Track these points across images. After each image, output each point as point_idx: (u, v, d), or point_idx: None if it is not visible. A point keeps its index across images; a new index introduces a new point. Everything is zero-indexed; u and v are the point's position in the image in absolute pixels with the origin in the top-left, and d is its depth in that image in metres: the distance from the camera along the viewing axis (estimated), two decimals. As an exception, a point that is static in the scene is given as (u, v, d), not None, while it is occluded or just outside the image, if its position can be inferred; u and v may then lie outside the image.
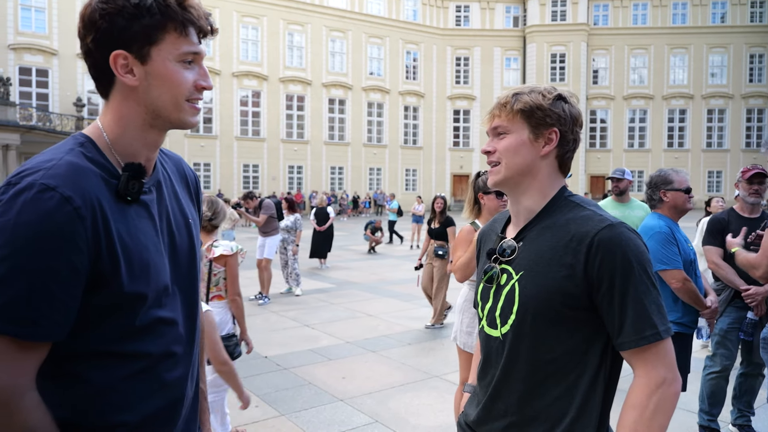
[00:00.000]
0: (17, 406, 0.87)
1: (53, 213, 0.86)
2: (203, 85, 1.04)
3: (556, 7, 36.62)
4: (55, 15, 26.55)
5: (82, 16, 0.97)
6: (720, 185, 37.26)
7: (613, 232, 1.13)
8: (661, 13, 37.27)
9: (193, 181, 1.24)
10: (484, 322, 1.29)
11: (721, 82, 37.64)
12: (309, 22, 32.83)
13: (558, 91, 1.24)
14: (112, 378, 0.97)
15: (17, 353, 0.87)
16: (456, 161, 37.61)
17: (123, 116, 1.01)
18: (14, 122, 22.03)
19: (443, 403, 4.10)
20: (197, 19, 1.01)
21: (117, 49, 0.96)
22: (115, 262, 0.94)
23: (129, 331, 0.98)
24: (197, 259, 1.16)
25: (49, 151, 0.96)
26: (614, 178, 4.72)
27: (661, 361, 1.11)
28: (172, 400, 1.07)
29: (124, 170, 0.99)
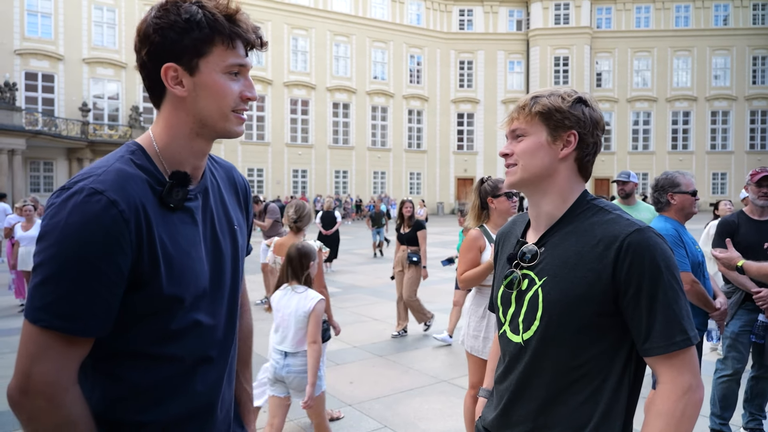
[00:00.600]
0: (62, 400, 0.91)
1: (99, 215, 0.91)
2: (248, 95, 1.07)
3: (559, 10, 36.64)
4: (61, 20, 26.71)
5: (138, 30, 1.02)
6: (725, 187, 37.13)
7: (642, 236, 1.11)
8: (664, 16, 37.24)
9: (243, 188, 1.27)
10: (507, 327, 1.27)
11: (724, 84, 37.57)
12: (313, 26, 32.93)
13: (578, 94, 1.23)
14: (147, 378, 1.01)
15: (63, 348, 0.91)
16: (460, 165, 37.60)
17: (172, 125, 1.06)
18: (20, 127, 22.14)
19: (452, 408, 4.09)
20: (244, 32, 1.05)
21: (168, 62, 1.01)
22: (155, 265, 0.97)
23: (166, 333, 1.01)
24: (240, 263, 1.19)
25: (103, 159, 1.02)
26: (620, 181, 4.72)
27: (687, 367, 1.10)
28: (206, 403, 1.09)
29: (170, 178, 1.03)
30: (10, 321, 7.18)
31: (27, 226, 7.79)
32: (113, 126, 27.37)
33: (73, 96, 26.87)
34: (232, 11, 1.03)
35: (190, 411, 1.06)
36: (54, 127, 24.38)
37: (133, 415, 1.01)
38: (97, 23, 27.72)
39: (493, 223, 3.15)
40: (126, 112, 28.15)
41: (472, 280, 3.07)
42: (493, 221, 3.15)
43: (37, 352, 0.90)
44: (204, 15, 1.00)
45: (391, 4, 35.72)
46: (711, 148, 37.61)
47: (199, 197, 1.10)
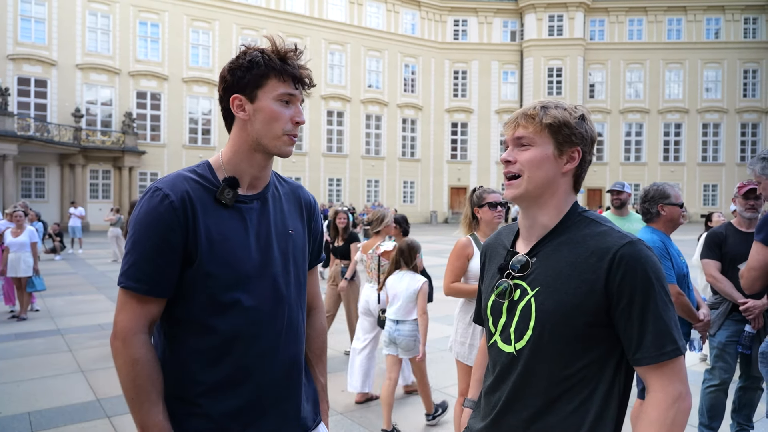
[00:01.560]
0: (131, 342, 1.23)
1: (157, 206, 1.24)
2: (298, 120, 1.35)
3: (553, 22, 37.00)
4: (55, 26, 26.66)
5: (220, 74, 1.35)
6: (716, 199, 37.44)
7: (634, 248, 1.13)
8: (656, 29, 37.69)
9: (307, 204, 1.52)
10: (497, 338, 1.28)
11: (715, 96, 37.99)
12: (308, 34, 33.06)
13: (581, 110, 1.25)
14: (200, 343, 1.27)
15: (136, 304, 1.24)
16: (454, 174, 37.72)
17: (236, 143, 1.35)
18: (12, 132, 22.04)
19: (443, 417, 4.09)
20: (291, 69, 1.33)
21: (235, 94, 1.32)
22: (198, 245, 1.25)
23: (212, 306, 1.26)
24: (290, 262, 1.40)
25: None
26: (614, 191, 4.76)
27: (677, 376, 1.12)
28: (246, 373, 1.30)
29: (223, 182, 1.31)
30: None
31: (17, 232, 7.73)
32: (106, 132, 27.28)
33: (66, 102, 26.77)
34: (284, 52, 1.32)
35: (227, 377, 1.28)
36: (46, 133, 24.26)
37: (186, 372, 1.27)
38: (91, 29, 27.69)
39: (482, 231, 3.18)
40: (119, 118, 28.08)
41: (459, 293, 3.09)
42: (481, 230, 3.18)
43: (120, 306, 1.25)
44: (262, 57, 1.30)
45: (386, 14, 35.95)
46: (702, 160, 37.95)
47: (258, 203, 1.37)
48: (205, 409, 1.27)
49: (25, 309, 7.72)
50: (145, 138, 28.93)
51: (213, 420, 1.27)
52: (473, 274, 3.08)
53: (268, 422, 1.33)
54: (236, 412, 1.29)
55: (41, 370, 5.26)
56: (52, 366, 5.40)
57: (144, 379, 1.22)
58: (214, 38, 30.80)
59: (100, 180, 27.76)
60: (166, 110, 29.54)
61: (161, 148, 29.36)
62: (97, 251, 17.32)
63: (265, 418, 1.33)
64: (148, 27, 29.17)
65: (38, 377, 5.05)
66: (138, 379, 1.21)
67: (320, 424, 1.50)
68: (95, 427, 3.92)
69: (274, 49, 1.32)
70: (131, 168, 27.59)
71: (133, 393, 1.22)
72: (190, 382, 1.27)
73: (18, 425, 3.92)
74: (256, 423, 1.31)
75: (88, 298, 9.32)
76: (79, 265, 14.05)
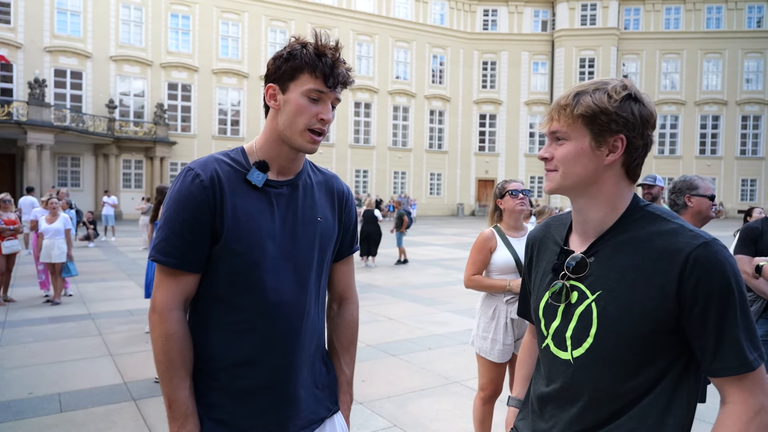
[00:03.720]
0: (166, 317, 1.28)
1: (189, 185, 1.29)
2: (323, 117, 1.33)
3: (586, 11, 36.13)
4: (90, 18, 27.29)
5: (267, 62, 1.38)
6: (754, 194, 36.19)
7: (709, 250, 1.03)
8: (694, 17, 36.45)
9: (340, 193, 1.53)
10: (550, 342, 1.19)
11: (756, 87, 36.62)
12: (336, 26, 33.05)
13: (629, 89, 1.09)
14: (218, 318, 1.32)
15: (170, 279, 1.30)
16: (481, 166, 37.35)
17: (267, 131, 1.39)
18: (49, 123, 22.68)
19: (463, 409, 4.05)
20: (324, 66, 1.30)
21: (271, 83, 1.35)
22: (225, 222, 1.29)
23: (237, 283, 1.31)
24: (315, 248, 1.41)
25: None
26: (646, 185, 4.61)
27: (758, 386, 1.03)
28: (268, 354, 1.33)
29: (253, 164, 1.36)
30: (34, 311, 7.35)
31: (51, 219, 7.95)
32: (138, 123, 27.87)
33: (100, 93, 27.42)
34: (322, 49, 1.31)
35: (249, 354, 1.32)
36: (81, 123, 24.92)
37: (210, 346, 1.33)
38: (124, 21, 28.25)
39: (505, 223, 3.12)
40: (151, 109, 28.64)
41: (479, 286, 3.04)
42: (505, 222, 3.13)
43: (158, 282, 1.31)
44: (300, 51, 1.31)
45: (415, 4, 35.67)
46: (741, 154, 36.70)
47: (287, 189, 1.39)
48: (222, 383, 1.31)
49: (59, 294, 7.95)
50: (176, 129, 29.44)
51: (229, 395, 1.31)
52: (496, 267, 3.02)
53: (283, 406, 1.35)
54: (252, 391, 1.32)
55: (72, 353, 5.41)
56: (82, 349, 5.55)
57: (175, 354, 1.27)
58: (243, 30, 31.06)
59: (133, 170, 28.39)
60: (196, 101, 29.99)
61: (191, 138, 29.84)
62: (129, 239, 17.73)
63: (281, 400, 1.34)
64: (179, 19, 29.60)
65: (69, 360, 5.20)
66: (170, 353, 1.27)
67: (336, 414, 1.48)
68: (121, 410, 4.01)
69: (317, 43, 1.32)
70: (162, 158, 28.13)
71: (164, 366, 1.27)
72: (210, 356, 1.31)
73: (48, 405, 4.05)
74: (272, 404, 1.33)
75: (119, 284, 9.55)
76: (111, 252, 14.41)
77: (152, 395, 4.28)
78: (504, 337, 2.92)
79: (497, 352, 2.93)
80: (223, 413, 1.32)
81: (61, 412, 3.94)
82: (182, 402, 1.27)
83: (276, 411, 1.35)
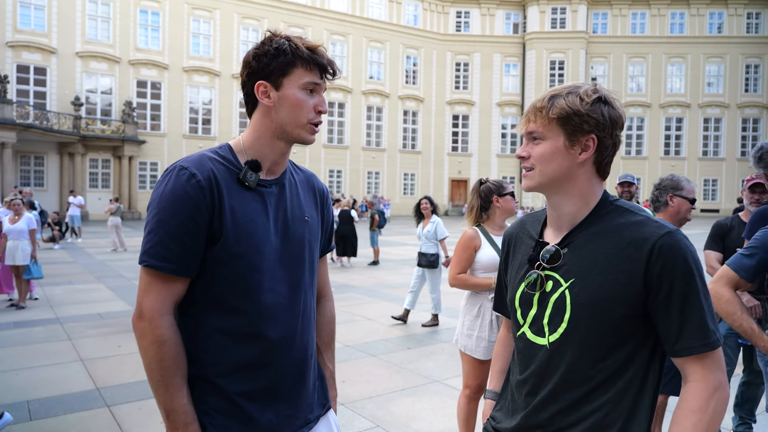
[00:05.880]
0: (157, 322, 1.22)
1: (184, 184, 1.23)
2: (321, 109, 1.35)
3: (556, 14, 36.79)
4: (55, 13, 26.45)
5: (243, 59, 1.34)
6: (716, 193, 37.41)
7: (673, 238, 1.13)
8: (659, 23, 37.49)
9: (320, 192, 1.53)
10: (526, 329, 1.26)
11: (717, 91, 37.87)
12: (310, 25, 32.85)
13: (599, 92, 1.19)
14: (216, 323, 1.27)
15: (161, 284, 1.23)
16: (454, 166, 37.64)
17: (258, 129, 1.36)
18: (11, 120, 21.92)
19: (445, 408, 4.07)
20: (319, 59, 1.32)
21: (260, 80, 1.31)
22: (223, 225, 1.25)
23: (232, 287, 1.27)
24: (306, 248, 1.40)
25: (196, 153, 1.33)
26: (626, 183, 4.69)
27: (717, 365, 1.13)
28: (268, 356, 1.31)
29: (245, 164, 1.32)
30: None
31: (14, 219, 7.68)
32: (106, 121, 27.16)
33: (65, 90, 26.62)
34: (311, 44, 1.32)
35: (248, 360, 1.29)
36: (45, 121, 24.15)
37: (205, 354, 1.28)
38: (91, 17, 27.50)
39: (493, 222, 3.14)
40: (119, 107, 27.95)
41: (465, 285, 3.06)
42: (492, 221, 3.14)
43: (145, 287, 1.24)
44: (289, 45, 1.30)
45: (388, 5, 35.72)
46: (703, 155, 37.90)
47: (276, 188, 1.37)
48: (222, 388, 1.28)
49: (24, 297, 7.68)
50: (145, 127, 28.81)
51: (231, 400, 1.28)
52: (480, 265, 3.04)
53: (282, 407, 1.34)
54: (254, 394, 1.30)
55: (40, 359, 5.23)
56: (51, 354, 5.37)
57: (170, 360, 1.22)
58: (215, 27, 30.59)
59: (100, 169, 27.67)
60: (166, 100, 29.40)
61: (161, 137, 29.24)
62: (97, 240, 17.27)
63: (281, 402, 1.34)
64: (149, 15, 28.97)
65: (37, 366, 5.02)
66: (165, 360, 1.21)
67: (330, 411, 1.51)
68: (95, 416, 3.89)
69: (301, 40, 1.33)
70: (131, 157, 27.48)
71: (159, 375, 1.22)
72: (210, 363, 1.27)
73: (17, 414, 3.89)
74: (272, 407, 1.33)
75: (88, 287, 9.29)
76: (78, 254, 14.01)
77: (127, 401, 4.16)
78: (489, 335, 2.94)
79: (482, 350, 2.94)
80: (223, 419, 1.28)
81: (30, 420, 3.80)
82: (181, 410, 1.22)
83: (276, 413, 1.33)
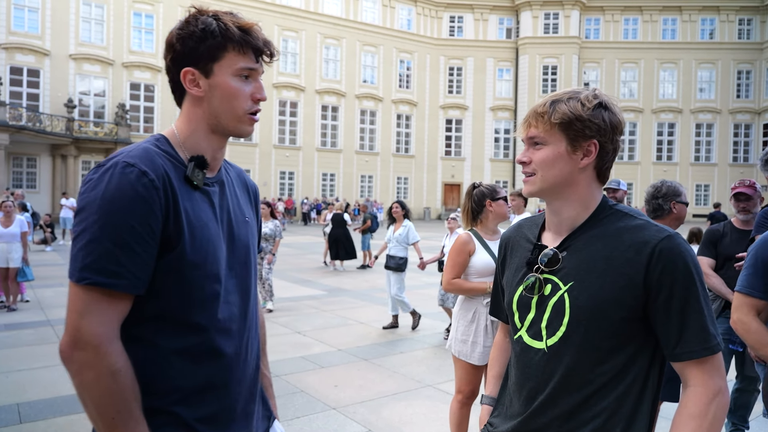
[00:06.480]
0: (106, 351, 1.02)
1: (134, 183, 1.04)
2: (258, 96, 1.21)
3: (549, 20, 37.00)
4: (48, 15, 26.33)
5: (166, 40, 1.18)
6: (707, 199, 37.65)
7: (673, 242, 1.12)
8: (651, 28, 37.78)
9: (253, 190, 1.41)
10: (524, 333, 1.24)
11: (709, 97, 38.18)
12: (303, 28, 32.87)
13: (600, 98, 1.19)
14: (174, 344, 1.11)
15: (106, 303, 1.03)
16: (448, 170, 37.70)
17: (192, 120, 1.20)
18: (3, 122, 21.77)
19: (437, 413, 4.07)
20: (254, 41, 1.17)
21: (187, 67, 1.16)
22: (180, 230, 1.09)
23: (189, 301, 1.11)
24: (251, 252, 1.29)
25: (132, 145, 1.15)
26: (611, 189, 4.74)
27: (717, 370, 1.12)
28: (225, 375, 1.18)
29: (191, 160, 1.17)
30: (-13, 318, 7.02)
31: (6, 222, 7.62)
32: (99, 123, 27.02)
33: (58, 92, 26.47)
34: (243, 23, 1.17)
35: (208, 380, 1.15)
36: (38, 123, 24.00)
37: (159, 380, 1.10)
38: (84, 19, 27.39)
39: (486, 227, 3.14)
40: (112, 109, 27.82)
41: (459, 290, 3.05)
42: (485, 225, 3.14)
43: (84, 309, 1.02)
44: (218, 25, 1.14)
45: (382, 9, 35.80)
46: (695, 160, 38.16)
47: (217, 186, 1.23)
48: (179, 416, 1.11)
49: (15, 299, 7.63)
50: (138, 130, 28.68)
51: (189, 427, 1.13)
52: (475, 270, 3.04)
53: (239, 426, 1.23)
54: (212, 418, 1.16)
55: (30, 361, 5.19)
56: (41, 357, 5.33)
57: (127, 392, 1.03)
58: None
59: (92, 171, 27.49)
60: (159, 102, 29.30)
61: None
62: (89, 243, 17.14)
63: (238, 422, 1.23)
64: (143, 18, 28.89)
65: (27, 368, 4.99)
66: (123, 392, 1.02)
67: (275, 421, 1.43)
68: (85, 420, 3.86)
69: (231, 17, 1.17)
70: (124, 160, 27.30)
71: (115, 411, 1.02)
72: (166, 391, 1.10)
73: (6, 416, 3.87)
74: (230, 428, 1.20)
75: (79, 290, 9.23)
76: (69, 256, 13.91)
77: (118, 404, 4.14)
78: (485, 340, 2.95)
79: (478, 355, 2.95)
80: None
81: (20, 423, 3.78)
82: None
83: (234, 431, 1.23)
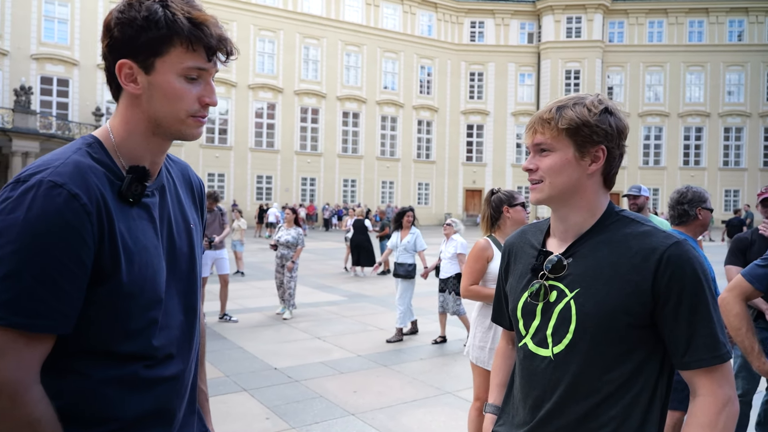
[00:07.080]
0: (23, 400, 0.88)
1: (61, 209, 0.88)
2: (207, 101, 1.04)
3: (571, 23, 36.65)
4: (78, 26, 27.10)
5: (104, 21, 1.02)
6: (737, 204, 36.68)
7: (681, 249, 1.11)
8: (677, 31, 37.12)
9: (198, 187, 1.25)
10: (529, 340, 1.22)
11: (738, 100, 37.31)
12: (325, 36, 33.15)
13: (605, 103, 1.17)
14: (108, 375, 0.98)
15: (24, 346, 0.88)
16: (469, 176, 37.54)
17: (128, 121, 1.04)
18: (34, 130, 22.40)
19: (456, 420, 4.03)
20: (206, 37, 1.00)
21: (123, 58, 0.99)
22: (116, 259, 0.95)
23: (125, 330, 0.99)
24: (197, 263, 1.16)
25: (58, 151, 0.99)
26: (631, 195, 4.68)
27: (726, 379, 1.10)
28: (167, 400, 1.07)
29: (128, 172, 1.01)
30: None
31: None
32: (125, 131, 27.63)
33: (87, 101, 27.18)
34: (196, 15, 0.99)
35: (151, 409, 1.03)
36: (67, 131, 24.66)
37: (94, 412, 0.97)
38: (112, 29, 28.09)
39: (504, 233, 3.13)
40: (138, 117, 28.41)
41: (477, 296, 3.04)
42: (503, 231, 3.13)
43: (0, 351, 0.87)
44: (164, 15, 0.97)
45: (403, 15, 35.93)
46: (724, 165, 37.28)
47: (156, 194, 1.08)
48: None
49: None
50: (163, 137, 29.21)
51: None
52: (492, 276, 3.02)
53: None
54: None
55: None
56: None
57: None
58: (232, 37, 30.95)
59: (119, 178, 28.12)
60: (184, 110, 29.81)
61: (179, 147, 29.58)
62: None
63: None
64: (168, 28, 29.49)
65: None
66: None
67: None
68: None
69: (182, 6, 0.99)
70: (149, 167, 27.89)
71: None
72: (102, 419, 0.98)
73: None
74: None
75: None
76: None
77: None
78: None
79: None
80: None
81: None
82: None
83: None
